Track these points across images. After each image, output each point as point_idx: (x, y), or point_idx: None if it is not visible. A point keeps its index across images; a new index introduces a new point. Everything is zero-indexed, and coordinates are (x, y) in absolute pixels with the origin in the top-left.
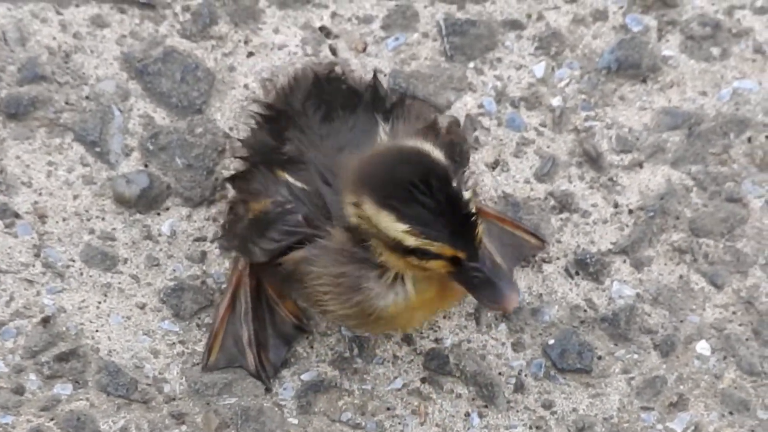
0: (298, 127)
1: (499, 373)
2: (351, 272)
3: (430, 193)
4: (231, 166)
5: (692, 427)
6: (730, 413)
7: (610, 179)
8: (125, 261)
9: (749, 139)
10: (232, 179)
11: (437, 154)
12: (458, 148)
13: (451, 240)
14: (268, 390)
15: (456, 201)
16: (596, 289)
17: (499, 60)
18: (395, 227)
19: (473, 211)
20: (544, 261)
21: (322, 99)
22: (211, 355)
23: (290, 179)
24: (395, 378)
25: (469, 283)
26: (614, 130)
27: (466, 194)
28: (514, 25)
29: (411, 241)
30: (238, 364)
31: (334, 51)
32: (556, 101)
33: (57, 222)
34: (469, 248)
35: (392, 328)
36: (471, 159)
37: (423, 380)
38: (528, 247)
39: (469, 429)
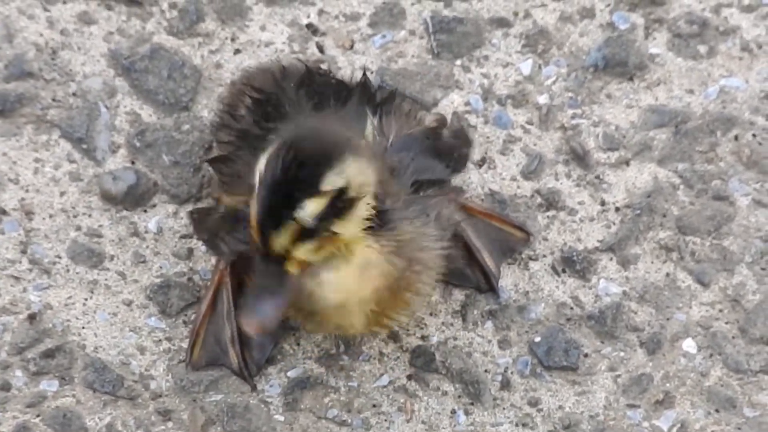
0: (285, 116)
1: (486, 371)
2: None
3: (284, 170)
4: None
5: (678, 425)
6: (716, 411)
7: (597, 177)
8: (112, 258)
9: (736, 137)
10: (212, 161)
11: (335, 163)
12: (456, 152)
13: (259, 214)
14: (253, 387)
15: (287, 200)
16: (583, 286)
17: (486, 58)
18: (261, 162)
19: (288, 224)
20: (530, 258)
21: (315, 89)
22: (193, 354)
23: None
24: (381, 375)
25: (252, 279)
26: (601, 127)
27: (305, 211)
28: (501, 22)
29: (255, 183)
30: (221, 362)
31: (321, 48)
32: (543, 99)
33: (44, 218)
34: (264, 239)
35: (334, 325)
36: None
37: (409, 377)
38: (514, 240)
39: (455, 426)
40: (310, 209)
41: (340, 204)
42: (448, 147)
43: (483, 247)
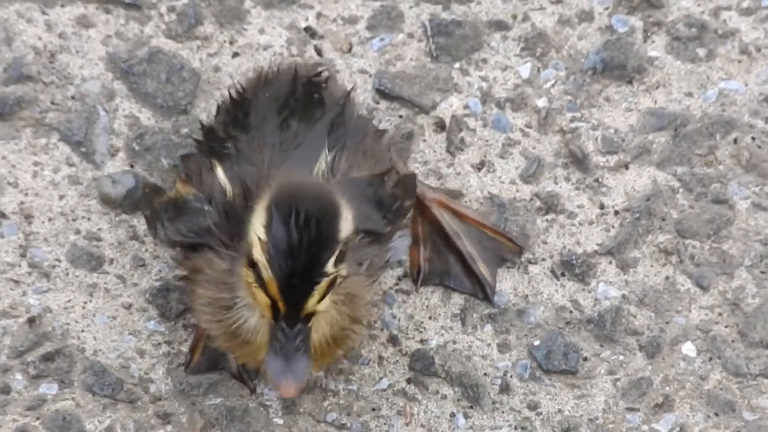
0: (250, 126)
1: (485, 374)
2: (227, 298)
3: (302, 231)
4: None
5: (677, 428)
6: (716, 414)
7: (596, 180)
8: (111, 261)
9: (735, 140)
10: (182, 158)
11: (342, 211)
12: (397, 204)
13: (283, 282)
14: (252, 390)
15: (315, 259)
16: (582, 290)
17: (485, 61)
18: (257, 230)
19: (322, 281)
20: (530, 262)
21: (288, 103)
22: (193, 358)
23: (220, 173)
24: (381, 378)
25: (270, 344)
26: (600, 131)
27: (330, 264)
28: (500, 25)
29: (256, 253)
30: (220, 366)
31: (319, 51)
32: (541, 102)
33: (43, 222)
34: (292, 308)
35: (257, 358)
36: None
37: (408, 381)
38: (506, 250)
39: (454, 430)
40: (332, 262)
41: (344, 249)
42: (390, 197)
43: (477, 255)
